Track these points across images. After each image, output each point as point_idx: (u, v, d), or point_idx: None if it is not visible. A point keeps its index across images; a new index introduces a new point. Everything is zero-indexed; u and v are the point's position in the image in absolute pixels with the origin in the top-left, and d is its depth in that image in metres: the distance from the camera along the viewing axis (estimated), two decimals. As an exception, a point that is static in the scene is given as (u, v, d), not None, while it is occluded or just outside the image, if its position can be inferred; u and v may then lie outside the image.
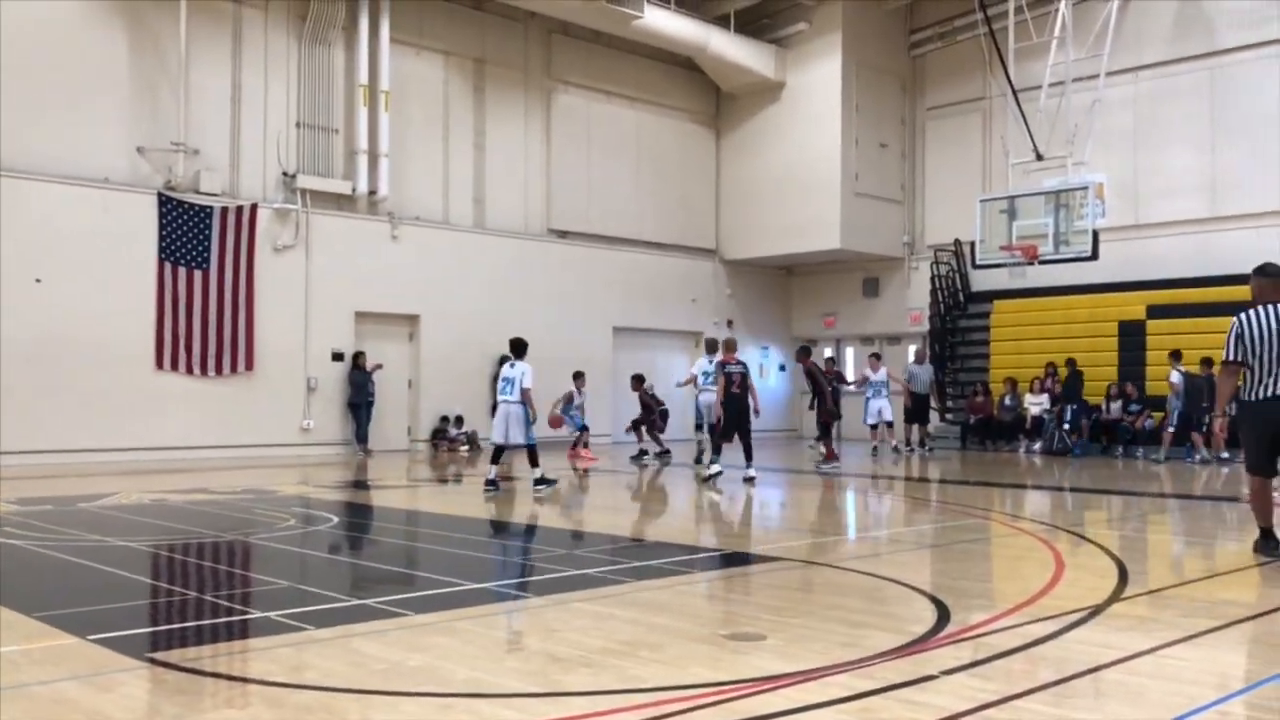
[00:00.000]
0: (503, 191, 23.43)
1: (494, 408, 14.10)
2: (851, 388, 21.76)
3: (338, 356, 20.76)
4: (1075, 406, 20.87)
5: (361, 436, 20.64)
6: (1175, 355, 18.88)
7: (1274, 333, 7.92)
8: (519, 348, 13.79)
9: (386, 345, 21.51)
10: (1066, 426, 20.79)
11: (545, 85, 24.27)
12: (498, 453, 13.89)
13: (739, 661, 5.12)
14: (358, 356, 20.69)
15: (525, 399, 13.38)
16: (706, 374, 17.12)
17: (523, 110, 23.85)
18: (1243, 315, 8.07)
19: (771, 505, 13.43)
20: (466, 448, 21.51)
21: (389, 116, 21.27)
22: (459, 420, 21.99)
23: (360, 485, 15.27)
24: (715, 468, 14.86)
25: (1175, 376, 18.77)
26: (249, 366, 19.63)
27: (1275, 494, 8.66)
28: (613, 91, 25.36)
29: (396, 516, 11.93)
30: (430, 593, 6.99)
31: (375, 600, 6.60)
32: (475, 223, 22.99)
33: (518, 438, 13.45)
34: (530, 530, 10.61)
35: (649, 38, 24.09)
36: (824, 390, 17.83)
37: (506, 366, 13.66)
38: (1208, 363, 17.56)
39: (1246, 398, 8.05)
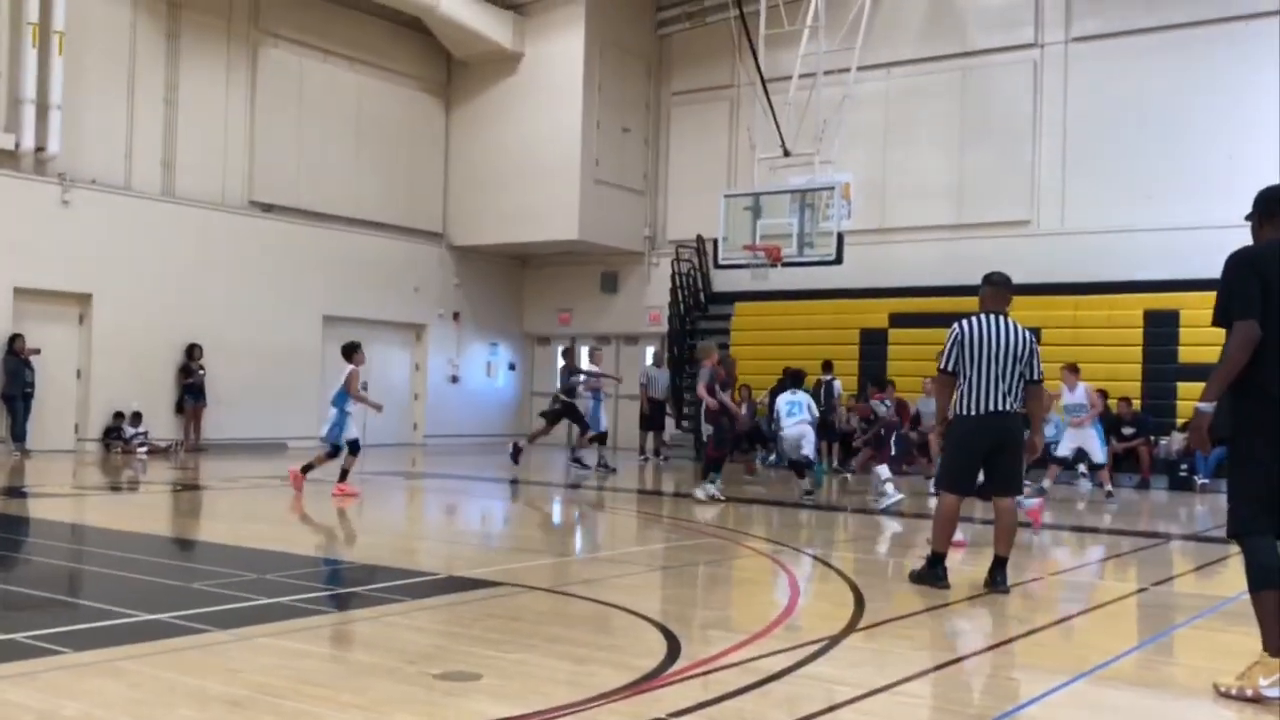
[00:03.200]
0: (197, 156, 22.38)
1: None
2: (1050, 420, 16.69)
3: (-9, 340, 19.38)
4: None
5: (18, 434, 19.31)
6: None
7: (997, 343, 8.12)
8: (797, 379, 15.65)
9: (52, 328, 20.19)
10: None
11: (251, 37, 23.36)
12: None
13: (450, 705, 5.03)
14: (14, 340, 19.34)
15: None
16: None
17: (224, 64, 22.87)
18: (964, 322, 8.27)
19: (494, 522, 13.37)
20: (145, 450, 20.45)
21: (63, 61, 19.92)
22: (136, 417, 20.88)
23: (14, 492, 14.26)
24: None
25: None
26: (-123, 348, 18.06)
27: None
28: (330, 50, 24.68)
29: (57, 531, 11.17)
30: (93, 625, 6.57)
31: (24, 635, 6.13)
32: (164, 190, 21.88)
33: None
34: (219, 551, 10.15)
35: (372, -8, 23.61)
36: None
37: (789, 394, 15.19)
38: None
39: (963, 411, 8.21)
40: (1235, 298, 5.57)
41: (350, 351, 14.53)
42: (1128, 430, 19.24)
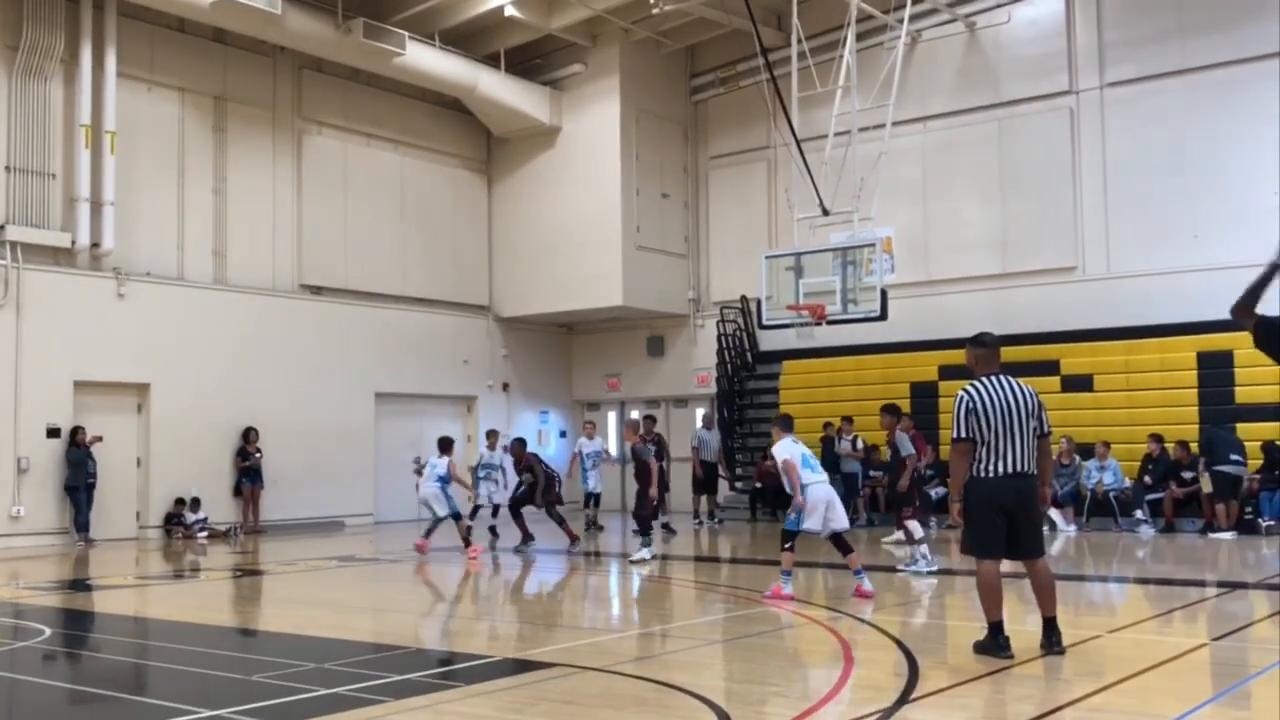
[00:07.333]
0: (247, 243, 22.80)
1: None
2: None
3: (53, 433, 19.69)
4: None
5: (82, 524, 19.58)
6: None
7: (1006, 405, 8.11)
8: None
9: (112, 418, 20.52)
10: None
11: (296, 126, 23.84)
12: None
13: (504, 798, 5.06)
14: (76, 432, 19.67)
15: None
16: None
17: (270, 153, 23.34)
18: (970, 387, 8.23)
19: (548, 597, 13.37)
20: (205, 534, 20.69)
21: (115, 160, 20.46)
22: (196, 503, 21.14)
23: (80, 585, 14.48)
24: None
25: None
26: (-57, 447, 18.44)
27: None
28: (373, 134, 25.14)
29: (123, 625, 11.34)
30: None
31: (88, 739, 6.25)
32: (215, 278, 22.29)
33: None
34: (279, 640, 10.26)
35: (412, 77, 24.06)
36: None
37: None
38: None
39: (981, 474, 8.15)
40: None
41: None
42: (1187, 474, 19.00)
